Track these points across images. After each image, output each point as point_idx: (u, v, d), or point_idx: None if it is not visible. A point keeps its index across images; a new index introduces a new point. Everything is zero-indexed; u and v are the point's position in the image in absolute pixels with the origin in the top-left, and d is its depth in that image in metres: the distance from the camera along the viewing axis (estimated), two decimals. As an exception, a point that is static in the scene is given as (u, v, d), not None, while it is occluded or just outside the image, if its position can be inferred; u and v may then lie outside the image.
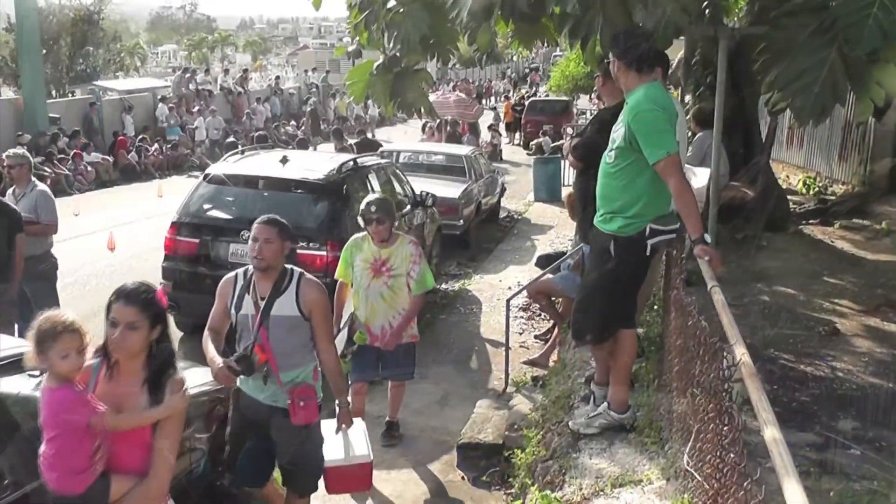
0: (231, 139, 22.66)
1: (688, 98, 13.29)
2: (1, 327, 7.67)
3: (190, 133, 31.40)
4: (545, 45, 11.53)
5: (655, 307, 8.16)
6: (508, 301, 9.75)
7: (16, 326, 8.59)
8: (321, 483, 5.98)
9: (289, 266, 5.85)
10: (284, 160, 10.71)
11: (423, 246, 12.65)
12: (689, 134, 9.84)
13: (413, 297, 7.61)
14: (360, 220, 7.56)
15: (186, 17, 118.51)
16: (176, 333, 10.52)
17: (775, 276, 9.80)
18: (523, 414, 8.09)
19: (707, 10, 10.97)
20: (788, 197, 13.89)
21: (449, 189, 15.95)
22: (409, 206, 12.32)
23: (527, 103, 38.88)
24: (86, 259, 13.93)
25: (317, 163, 11.22)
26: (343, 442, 6.20)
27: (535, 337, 11.14)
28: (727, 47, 8.99)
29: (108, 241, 14.78)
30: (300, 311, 5.60)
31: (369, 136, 25.71)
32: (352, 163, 11.04)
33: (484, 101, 53.37)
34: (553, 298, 9.84)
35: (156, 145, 28.65)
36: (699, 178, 9.07)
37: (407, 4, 8.95)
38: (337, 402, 5.97)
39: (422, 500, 6.91)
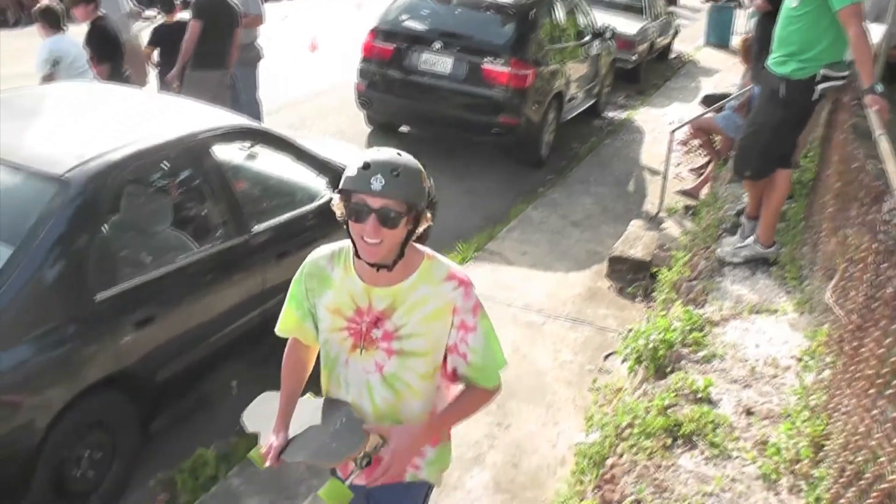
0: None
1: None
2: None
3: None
4: None
5: (811, 153, 7.76)
6: (672, 133, 9.44)
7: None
8: None
9: None
10: (480, -20, 10.43)
11: (596, 76, 12.34)
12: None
13: (468, 392, 2.85)
14: (335, 204, 2.62)
15: None
16: (365, 129, 10.68)
17: (935, 139, 9.16)
18: (672, 237, 7.97)
19: None
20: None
21: (627, 25, 15.35)
22: (589, 37, 11.91)
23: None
24: (288, 56, 14.07)
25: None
26: None
27: (690, 170, 10.83)
28: None
29: (311, 43, 14.87)
30: None
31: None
32: (541, -11, 10.65)
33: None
34: (712, 136, 9.51)
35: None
36: (871, 34, 8.43)
37: None
38: None
39: (570, 301, 6.92)
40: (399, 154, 2.54)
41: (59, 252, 4.08)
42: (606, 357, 6.09)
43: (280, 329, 2.95)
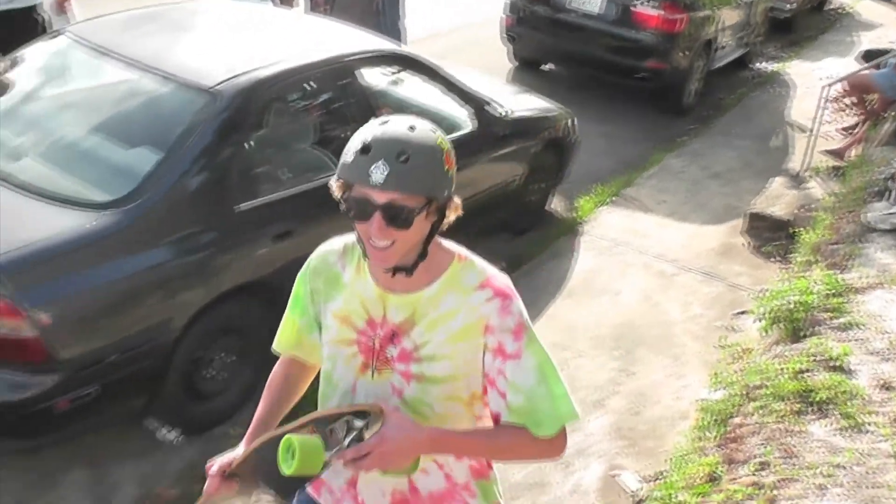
0: None
1: None
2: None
3: None
4: None
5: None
6: (826, 87, 8.97)
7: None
8: None
9: None
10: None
11: (749, 25, 11.80)
12: None
13: (513, 428, 2.05)
14: (334, 191, 2.02)
15: None
16: (507, 65, 10.54)
17: None
18: (815, 198, 7.63)
19: None
20: None
21: (785, -28, 14.64)
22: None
23: None
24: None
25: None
26: None
27: (840, 129, 10.30)
28: None
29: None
30: None
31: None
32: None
33: None
34: (867, 94, 8.99)
35: None
36: None
37: None
38: None
39: (704, 254, 6.70)
40: (412, 128, 1.92)
41: (205, 162, 4.16)
42: (737, 315, 5.89)
43: (279, 343, 2.36)
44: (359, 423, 1.93)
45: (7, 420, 3.74)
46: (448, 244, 2.11)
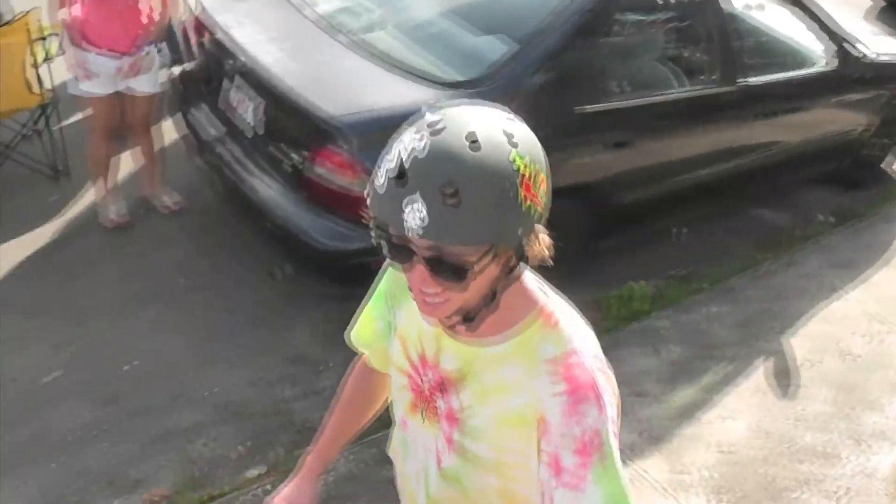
0: None
1: None
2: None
3: None
4: None
5: None
6: None
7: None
8: None
9: None
10: None
11: None
12: None
13: None
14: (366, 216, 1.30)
15: None
16: (867, 2, 9.76)
17: None
18: None
19: None
20: None
21: None
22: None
23: None
24: None
25: None
26: None
27: None
28: None
29: None
30: None
31: None
32: None
33: None
34: None
35: None
36: None
37: None
38: None
39: None
40: (473, 142, 1.21)
41: (554, 60, 4.16)
42: None
43: (355, 335, 1.82)
44: None
45: (331, 265, 4.01)
46: (533, 287, 1.45)
